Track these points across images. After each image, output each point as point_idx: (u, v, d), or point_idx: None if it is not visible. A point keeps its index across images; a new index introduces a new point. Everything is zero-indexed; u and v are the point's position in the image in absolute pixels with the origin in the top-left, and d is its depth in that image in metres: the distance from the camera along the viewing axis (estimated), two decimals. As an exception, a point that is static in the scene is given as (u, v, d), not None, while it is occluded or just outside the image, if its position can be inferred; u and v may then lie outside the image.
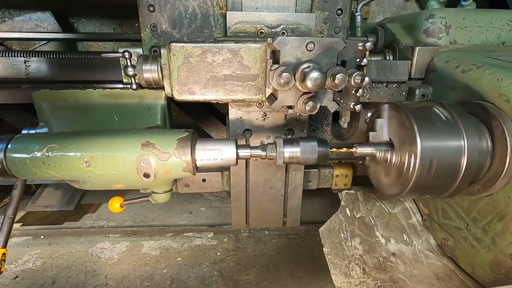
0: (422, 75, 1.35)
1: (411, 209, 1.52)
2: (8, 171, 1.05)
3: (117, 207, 1.34)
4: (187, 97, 1.11)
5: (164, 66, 1.09)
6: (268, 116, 1.28)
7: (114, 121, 1.26)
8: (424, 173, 0.92)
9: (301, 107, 1.00)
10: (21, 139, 1.07)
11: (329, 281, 1.32)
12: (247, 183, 1.41)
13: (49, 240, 2.06)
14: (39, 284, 1.72)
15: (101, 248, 1.99)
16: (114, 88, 1.26)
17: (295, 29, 1.17)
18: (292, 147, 1.05)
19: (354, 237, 1.44)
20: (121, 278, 1.76)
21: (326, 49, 0.97)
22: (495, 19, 1.36)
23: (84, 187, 1.13)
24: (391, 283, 1.27)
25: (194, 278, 1.76)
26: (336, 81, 0.91)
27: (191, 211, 2.39)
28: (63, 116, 1.25)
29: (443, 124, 0.94)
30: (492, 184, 1.00)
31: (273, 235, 2.12)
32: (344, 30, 1.23)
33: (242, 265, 1.87)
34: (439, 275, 1.28)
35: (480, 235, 1.12)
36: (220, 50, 1.05)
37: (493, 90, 1.01)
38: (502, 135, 0.95)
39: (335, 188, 1.61)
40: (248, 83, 1.10)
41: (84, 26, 2.28)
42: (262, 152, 1.07)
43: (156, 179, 1.07)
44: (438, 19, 1.34)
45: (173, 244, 2.03)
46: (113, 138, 1.07)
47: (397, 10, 2.57)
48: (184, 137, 1.06)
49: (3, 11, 2.08)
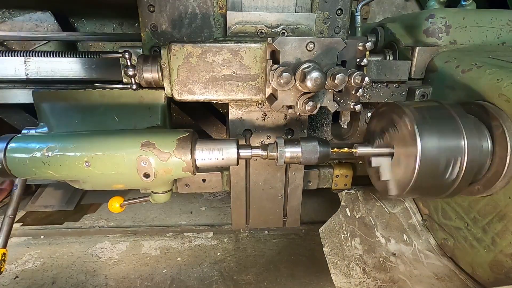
0: (422, 75, 1.35)
1: (411, 209, 1.52)
2: (8, 171, 1.05)
3: (117, 207, 1.34)
4: (187, 97, 1.11)
5: (164, 66, 1.09)
6: (268, 116, 1.28)
7: (114, 121, 1.26)
8: (424, 173, 0.92)
9: (301, 107, 0.99)
10: (21, 139, 1.07)
11: (329, 281, 1.32)
12: (247, 183, 1.41)
13: (49, 240, 2.06)
14: (39, 284, 1.72)
15: (101, 248, 1.99)
16: (114, 88, 1.26)
17: (295, 29, 1.17)
18: (293, 147, 1.04)
19: (354, 237, 1.44)
20: (121, 278, 1.76)
21: (326, 49, 0.97)
22: (495, 19, 1.36)
23: (84, 187, 1.14)
24: (391, 283, 1.27)
25: (194, 278, 1.76)
26: (336, 81, 0.91)
27: (191, 211, 2.39)
28: (63, 116, 1.25)
29: (443, 124, 0.94)
30: (492, 184, 1.00)
31: (273, 235, 2.12)
32: (344, 30, 1.23)
33: (242, 265, 1.87)
34: (439, 275, 1.28)
35: (480, 235, 1.12)
36: (220, 50, 1.05)
37: (493, 90, 1.01)
38: (502, 135, 0.95)
39: (335, 188, 1.61)
40: (248, 83, 1.10)
41: (84, 26, 2.28)
42: (263, 152, 1.07)
43: (156, 179, 1.07)
44: (438, 19, 1.34)
45: (173, 244, 2.03)
46: (113, 138, 1.07)
47: (397, 10, 2.57)
48: (184, 137, 1.06)
49: (3, 11, 2.08)
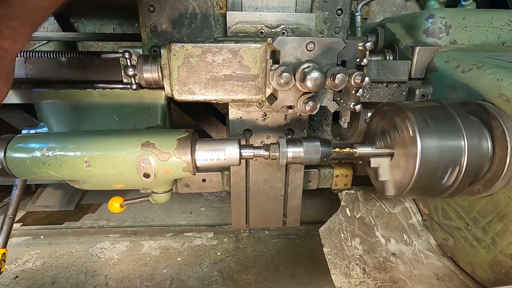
0: (422, 75, 1.35)
1: (411, 209, 1.52)
2: (8, 171, 1.05)
3: (117, 207, 1.34)
4: (187, 97, 1.11)
5: (164, 66, 1.09)
6: (268, 116, 1.28)
7: (114, 121, 1.26)
8: (424, 173, 0.92)
9: (301, 107, 0.99)
10: (21, 139, 1.07)
11: (329, 281, 1.32)
12: (247, 183, 1.41)
13: (49, 240, 2.06)
14: (39, 284, 1.72)
15: (101, 248, 1.99)
16: (114, 88, 1.26)
17: (295, 29, 1.17)
18: (295, 147, 1.04)
19: (354, 237, 1.44)
20: (121, 278, 1.76)
21: (326, 49, 0.97)
22: (495, 19, 1.36)
23: (84, 187, 1.14)
24: (391, 283, 1.27)
25: (194, 278, 1.76)
26: (336, 81, 0.91)
27: (191, 211, 2.39)
28: (63, 116, 1.25)
29: (443, 124, 0.94)
30: (492, 184, 1.00)
31: (273, 235, 2.12)
32: (344, 30, 1.23)
33: (242, 265, 1.87)
34: (439, 275, 1.28)
35: (480, 235, 1.12)
36: (220, 50, 1.05)
37: (493, 90, 1.01)
38: (502, 135, 0.95)
39: (335, 188, 1.61)
40: (248, 83, 1.10)
41: (84, 26, 2.28)
42: (265, 152, 1.07)
43: (156, 179, 1.07)
44: (438, 19, 1.34)
45: (173, 244, 2.03)
46: (113, 138, 1.07)
47: (397, 10, 2.57)
48: (184, 137, 1.06)
49: (3, 11, 2.08)
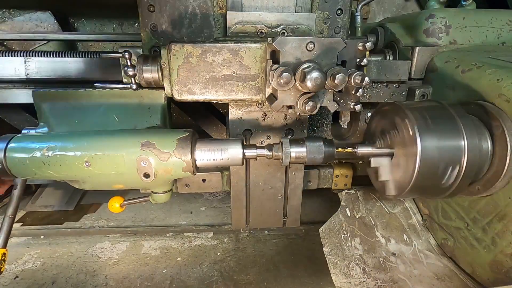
0: (422, 75, 1.35)
1: (411, 209, 1.52)
2: (8, 171, 1.05)
3: (117, 207, 1.34)
4: (187, 97, 1.11)
5: (164, 66, 1.09)
6: (268, 116, 1.28)
7: (114, 121, 1.26)
8: (424, 173, 0.92)
9: (301, 107, 0.99)
10: (21, 139, 1.07)
11: (329, 281, 1.32)
12: (247, 183, 1.41)
13: (49, 240, 2.06)
14: (39, 284, 1.72)
15: (101, 248, 1.99)
16: (114, 88, 1.26)
17: (295, 29, 1.17)
18: (298, 147, 1.04)
19: (354, 237, 1.44)
20: (121, 278, 1.76)
21: (326, 49, 0.97)
22: (495, 19, 1.36)
23: (84, 187, 1.13)
24: (391, 283, 1.27)
25: (194, 278, 1.76)
26: (336, 81, 0.91)
27: (191, 211, 2.39)
28: (63, 116, 1.25)
29: (443, 124, 0.94)
30: (492, 184, 1.00)
31: (273, 235, 2.12)
32: (344, 30, 1.23)
33: (242, 265, 1.87)
34: (439, 275, 1.28)
35: (480, 235, 1.12)
36: (220, 50, 1.05)
37: (493, 90, 1.01)
38: (502, 135, 0.95)
39: (335, 188, 1.61)
40: (248, 83, 1.10)
41: (84, 26, 2.28)
42: (268, 152, 1.07)
43: (156, 179, 1.07)
44: (438, 19, 1.34)
45: (173, 244, 2.03)
46: (113, 138, 1.07)
47: (397, 10, 2.57)
48: (184, 137, 1.06)
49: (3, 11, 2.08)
